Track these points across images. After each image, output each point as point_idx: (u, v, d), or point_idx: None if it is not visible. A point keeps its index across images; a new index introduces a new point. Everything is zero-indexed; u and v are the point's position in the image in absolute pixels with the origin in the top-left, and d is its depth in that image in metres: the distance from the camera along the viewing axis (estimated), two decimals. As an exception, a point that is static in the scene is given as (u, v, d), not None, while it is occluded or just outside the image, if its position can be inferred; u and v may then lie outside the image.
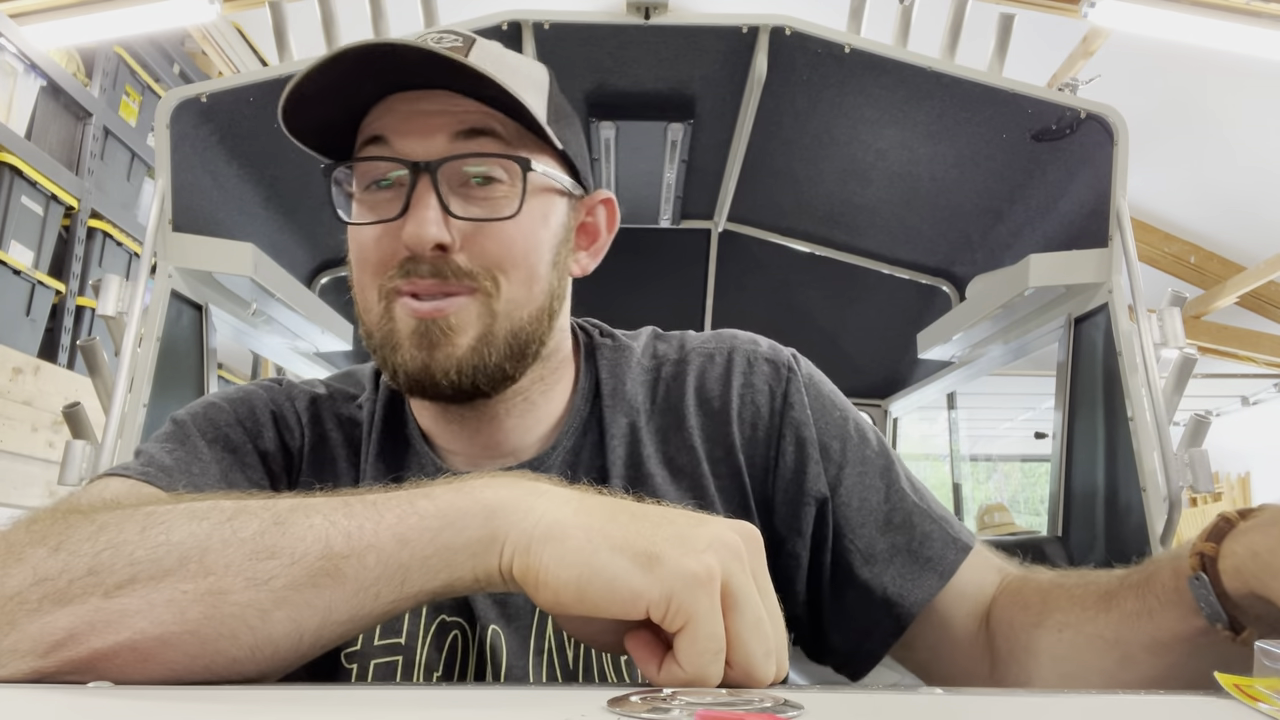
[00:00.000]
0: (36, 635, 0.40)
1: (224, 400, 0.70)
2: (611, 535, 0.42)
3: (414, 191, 0.62)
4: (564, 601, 0.41)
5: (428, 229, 0.61)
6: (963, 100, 1.51)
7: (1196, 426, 1.32)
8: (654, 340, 0.76)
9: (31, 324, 2.52)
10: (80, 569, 0.42)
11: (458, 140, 0.63)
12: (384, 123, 0.64)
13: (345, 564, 0.42)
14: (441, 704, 0.36)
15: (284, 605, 0.41)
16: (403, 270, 0.63)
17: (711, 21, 1.46)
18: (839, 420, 0.71)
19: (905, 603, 0.66)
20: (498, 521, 0.43)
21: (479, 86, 0.62)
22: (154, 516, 0.44)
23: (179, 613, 0.41)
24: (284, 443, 0.69)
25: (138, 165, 3.05)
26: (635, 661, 0.43)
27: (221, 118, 1.46)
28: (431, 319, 0.62)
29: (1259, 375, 5.19)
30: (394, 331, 0.64)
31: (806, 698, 0.36)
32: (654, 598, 0.40)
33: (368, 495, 0.45)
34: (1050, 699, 0.39)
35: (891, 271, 2.13)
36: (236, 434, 0.68)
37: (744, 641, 0.41)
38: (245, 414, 0.69)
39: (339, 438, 0.71)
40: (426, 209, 0.61)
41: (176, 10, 2.02)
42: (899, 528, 0.68)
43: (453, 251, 0.63)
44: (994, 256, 1.86)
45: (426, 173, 0.62)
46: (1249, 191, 3.77)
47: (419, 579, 0.43)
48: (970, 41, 1.51)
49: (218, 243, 1.47)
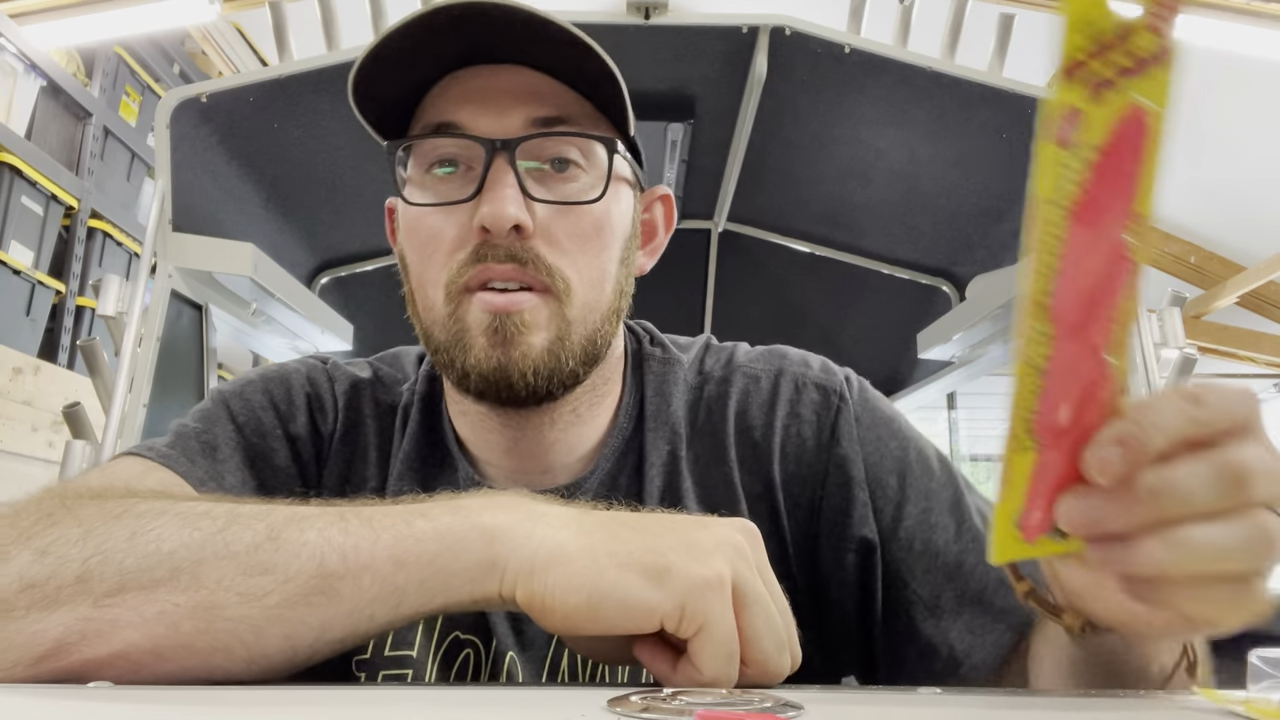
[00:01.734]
0: (25, 645, 0.40)
1: (262, 379, 0.68)
2: (616, 553, 0.41)
3: (490, 170, 0.58)
4: (575, 624, 0.41)
5: (507, 207, 0.57)
6: (963, 100, 1.51)
7: (1196, 426, 1.32)
8: (704, 353, 0.71)
9: (31, 324, 2.52)
10: (69, 576, 0.41)
11: (535, 126, 0.60)
12: (452, 100, 0.60)
13: (340, 584, 0.41)
14: (441, 704, 0.36)
15: (277, 623, 0.41)
16: (476, 256, 0.58)
17: (711, 21, 1.46)
18: (896, 452, 0.64)
19: (971, 660, 0.58)
20: (497, 548, 0.42)
21: (561, 62, 0.59)
22: (144, 521, 0.43)
23: (172, 626, 0.40)
24: (316, 427, 0.67)
25: (138, 165, 3.04)
26: (648, 668, 0.43)
27: (221, 118, 1.46)
28: (506, 313, 0.58)
29: (1259, 375, 5.18)
30: (465, 330, 0.59)
31: (806, 698, 0.36)
32: (668, 610, 0.40)
33: (364, 509, 0.44)
34: (1050, 699, 0.39)
35: (891, 271, 2.13)
36: (268, 418, 0.66)
37: (759, 640, 0.41)
38: (281, 395, 0.67)
39: (374, 426, 0.68)
40: (505, 187, 0.57)
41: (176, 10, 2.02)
42: (970, 573, 0.60)
43: (530, 237, 0.59)
44: (994, 256, 1.86)
45: (504, 151, 0.58)
46: (1249, 191, 3.76)
47: (415, 601, 0.42)
48: (970, 41, 1.51)
49: (218, 243, 1.47)
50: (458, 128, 0.60)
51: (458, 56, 0.60)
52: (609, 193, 0.61)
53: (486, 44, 0.59)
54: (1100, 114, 0.30)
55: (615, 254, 0.63)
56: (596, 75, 0.60)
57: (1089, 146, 0.30)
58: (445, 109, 0.60)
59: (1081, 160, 0.30)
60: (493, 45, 0.59)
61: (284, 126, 1.51)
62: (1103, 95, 0.30)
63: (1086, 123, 0.30)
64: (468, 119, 0.60)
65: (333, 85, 1.42)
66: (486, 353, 0.58)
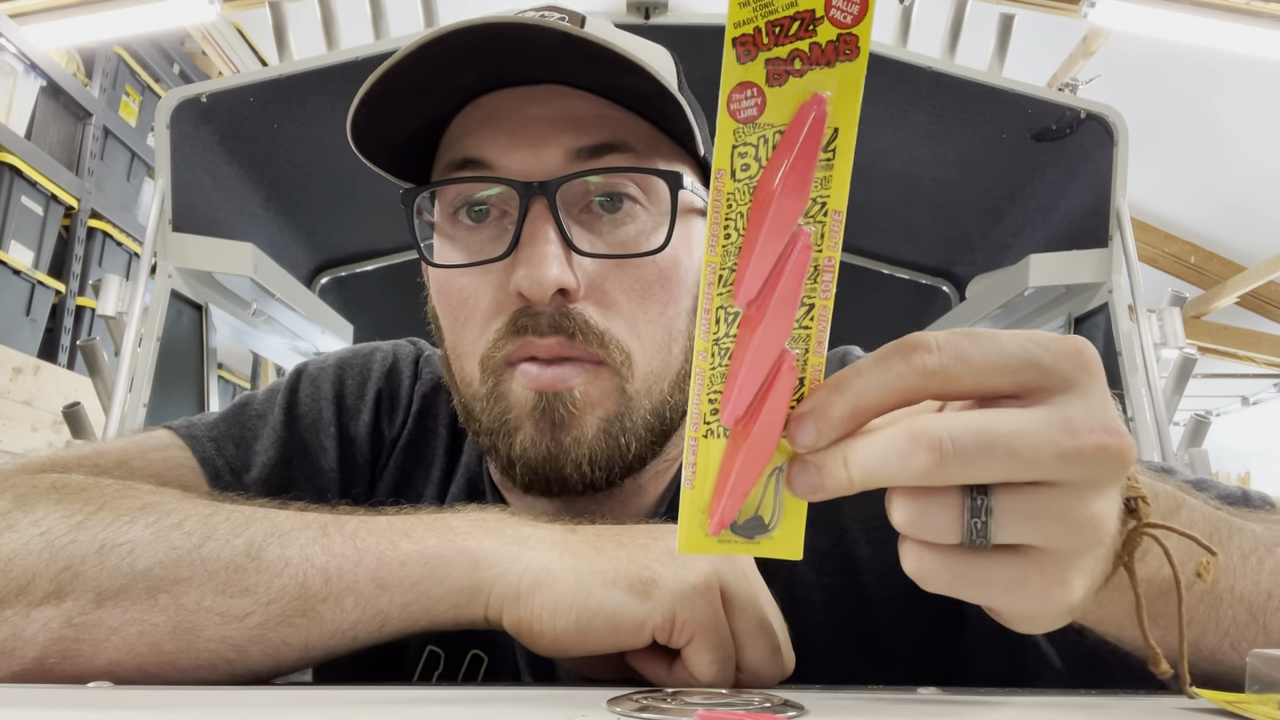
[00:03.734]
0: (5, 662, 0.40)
1: (341, 365, 0.64)
2: (601, 571, 0.41)
3: (525, 220, 0.49)
4: (565, 646, 0.40)
5: (547, 269, 0.48)
6: (963, 100, 1.51)
7: (1196, 427, 1.32)
8: None
9: (31, 324, 2.52)
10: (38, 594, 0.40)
11: (580, 159, 0.50)
12: (478, 130, 0.51)
13: (322, 606, 0.41)
14: (442, 704, 0.36)
15: (259, 643, 0.41)
16: (514, 326, 0.50)
17: (711, 21, 1.46)
18: None
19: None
20: (481, 573, 0.41)
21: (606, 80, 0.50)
22: (111, 531, 0.42)
23: (153, 646, 0.40)
24: (378, 429, 0.62)
25: (138, 165, 3.05)
26: (644, 675, 0.42)
27: (221, 118, 1.46)
28: (554, 391, 0.49)
29: (1259, 375, 5.18)
30: (507, 410, 0.51)
31: (807, 698, 0.36)
32: (657, 622, 0.40)
33: (348, 524, 0.43)
34: (1050, 699, 0.39)
35: (891, 271, 2.13)
36: (328, 411, 0.61)
37: (751, 643, 0.41)
38: (352, 387, 0.62)
39: (446, 439, 0.62)
40: (544, 243, 0.48)
41: (176, 10, 2.02)
42: None
43: (576, 299, 0.50)
44: (994, 256, 1.86)
45: (541, 195, 0.49)
46: (1249, 191, 3.76)
47: (398, 623, 0.42)
48: (970, 41, 1.51)
49: (218, 243, 1.47)
50: (485, 165, 0.51)
51: (479, 81, 0.51)
52: (675, 232, 0.51)
53: (513, 66, 0.50)
54: (780, 96, 0.29)
55: (684, 306, 0.53)
56: (648, 92, 0.50)
57: (770, 127, 0.30)
58: (470, 142, 0.51)
59: (760, 140, 0.30)
60: (520, 67, 0.50)
61: (284, 126, 1.50)
62: (784, 79, 0.29)
63: (768, 103, 0.29)
64: (497, 155, 0.50)
65: (333, 85, 1.42)
66: (533, 440, 0.50)
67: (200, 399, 1.52)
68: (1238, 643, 0.39)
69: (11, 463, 0.52)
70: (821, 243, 0.31)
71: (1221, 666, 0.39)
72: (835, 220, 0.31)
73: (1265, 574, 0.39)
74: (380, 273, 1.96)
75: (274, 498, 0.48)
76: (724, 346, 0.31)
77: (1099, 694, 0.41)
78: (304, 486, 0.60)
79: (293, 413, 0.61)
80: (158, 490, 0.47)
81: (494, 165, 0.50)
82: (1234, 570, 0.39)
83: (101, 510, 0.43)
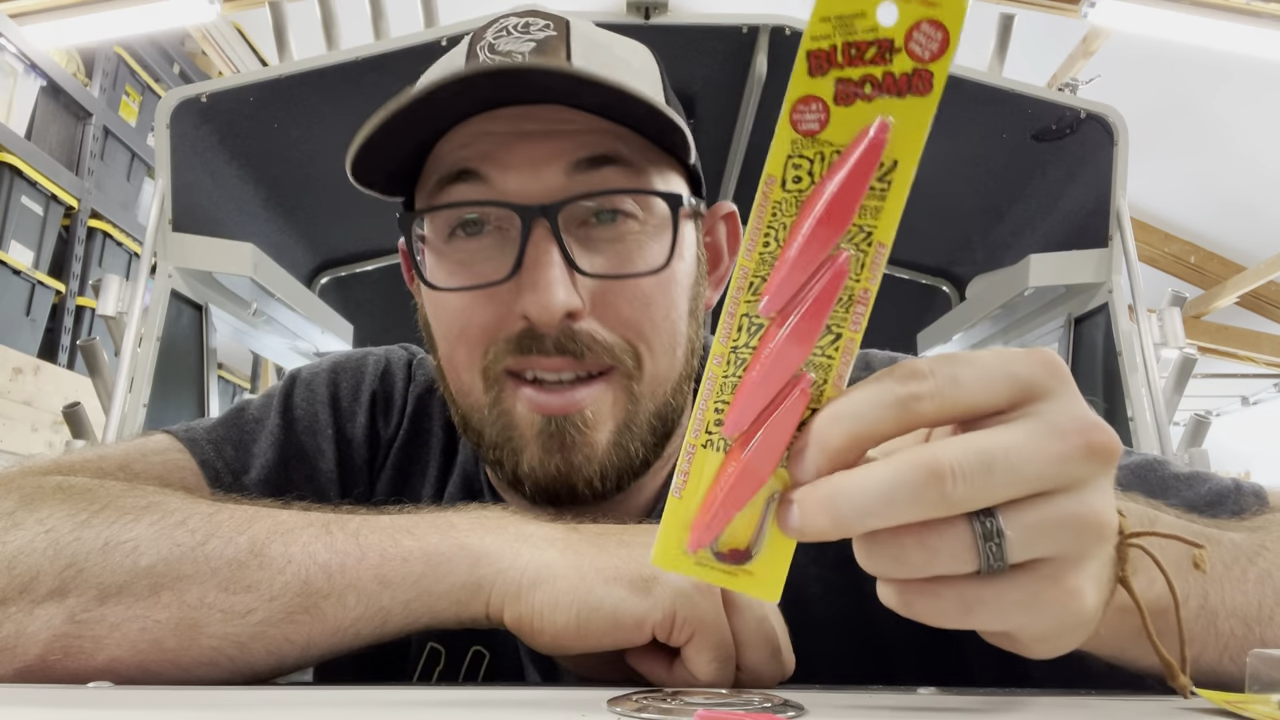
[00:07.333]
0: (8, 660, 0.40)
1: (335, 369, 0.64)
2: (602, 568, 0.41)
3: (528, 243, 0.49)
4: (564, 643, 0.40)
5: (554, 296, 0.48)
6: (963, 100, 1.51)
7: (1196, 427, 1.33)
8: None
9: (31, 324, 2.52)
10: (42, 591, 0.40)
11: (578, 171, 0.50)
12: (475, 150, 0.51)
13: (325, 603, 0.41)
14: (442, 704, 0.36)
15: (261, 640, 0.41)
16: (517, 346, 0.50)
17: (711, 21, 1.46)
18: None
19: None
20: (482, 570, 0.41)
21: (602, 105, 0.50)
22: (116, 529, 0.42)
23: (156, 643, 0.40)
24: (374, 431, 0.63)
25: (138, 165, 3.05)
26: (644, 674, 0.42)
27: (221, 118, 1.46)
28: (565, 415, 0.50)
29: (1259, 375, 5.18)
30: (512, 427, 0.51)
31: (807, 698, 0.36)
32: (657, 619, 0.40)
33: (350, 521, 0.44)
34: (1050, 699, 0.39)
35: (891, 271, 2.13)
36: (325, 414, 0.62)
37: (751, 643, 0.41)
38: (347, 390, 0.63)
39: (441, 440, 0.63)
40: (549, 267, 0.48)
41: (176, 10, 2.02)
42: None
43: (581, 317, 0.50)
44: (994, 256, 1.86)
45: (544, 218, 0.49)
46: (1249, 191, 3.76)
47: (400, 620, 0.42)
48: (970, 41, 1.51)
49: (218, 243, 1.47)
50: (481, 178, 0.50)
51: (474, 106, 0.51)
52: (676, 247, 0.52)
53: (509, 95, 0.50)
54: (844, 116, 0.29)
55: (684, 309, 0.54)
56: (644, 115, 0.50)
57: (830, 145, 0.29)
58: (464, 155, 0.51)
59: (818, 155, 0.29)
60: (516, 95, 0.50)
61: (284, 126, 1.51)
62: (851, 101, 0.29)
63: (831, 120, 0.29)
64: (493, 169, 0.50)
65: (333, 85, 1.42)
66: (541, 460, 0.51)
67: (200, 399, 1.52)
68: (1236, 655, 0.39)
69: (16, 465, 0.52)
70: (861, 272, 0.30)
71: (1221, 680, 0.39)
72: (879, 252, 0.30)
73: (1251, 584, 0.40)
74: (380, 273, 1.96)
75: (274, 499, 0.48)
76: (741, 356, 0.30)
77: (1099, 694, 0.41)
78: (304, 488, 0.60)
79: (289, 416, 0.62)
80: (162, 491, 0.48)
81: (491, 180, 0.51)
82: (1220, 581, 0.39)
83: (106, 509, 0.43)
